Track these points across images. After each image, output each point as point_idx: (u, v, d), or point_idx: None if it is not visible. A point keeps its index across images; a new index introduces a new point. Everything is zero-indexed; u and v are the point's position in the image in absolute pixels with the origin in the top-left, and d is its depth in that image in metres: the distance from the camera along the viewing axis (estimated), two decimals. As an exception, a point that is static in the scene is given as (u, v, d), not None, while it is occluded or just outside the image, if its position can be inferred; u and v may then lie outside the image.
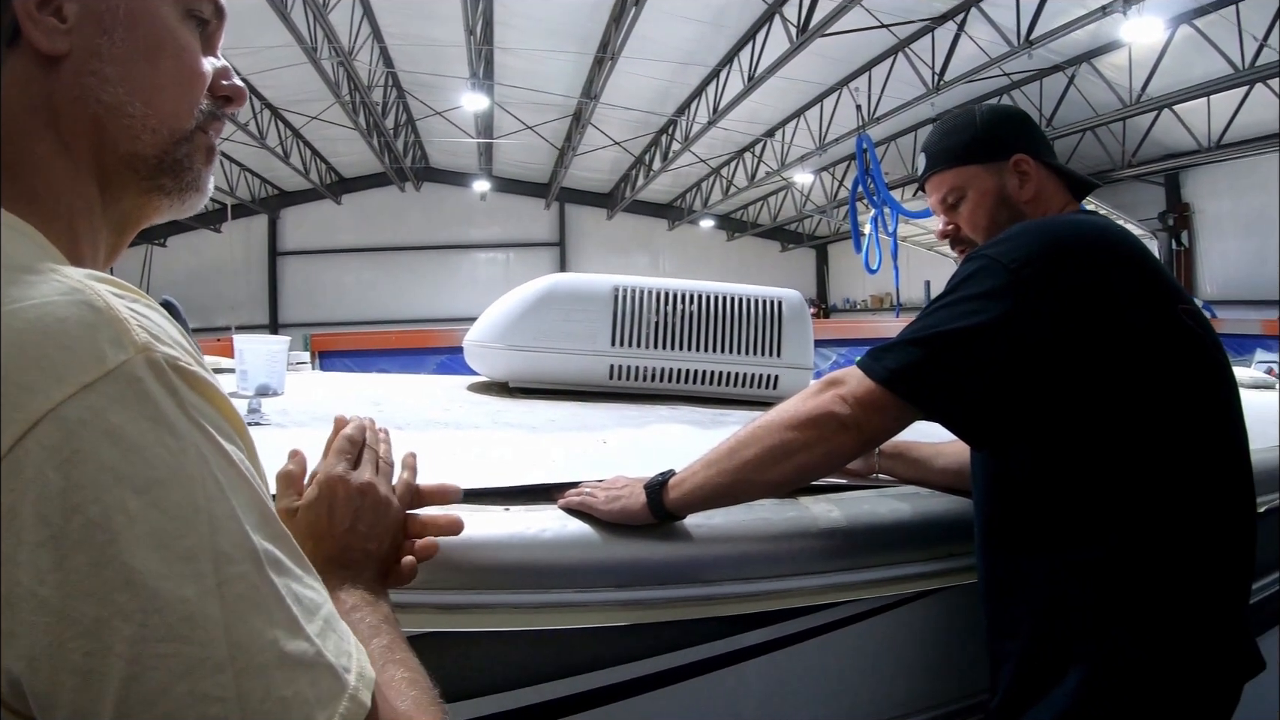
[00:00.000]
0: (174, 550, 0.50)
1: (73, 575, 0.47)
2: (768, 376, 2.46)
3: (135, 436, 0.50)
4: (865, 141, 11.96)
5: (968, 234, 1.53)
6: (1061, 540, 1.24)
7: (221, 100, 0.78)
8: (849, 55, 12.89)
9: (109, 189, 0.72)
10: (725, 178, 20.28)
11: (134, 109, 0.70)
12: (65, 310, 0.52)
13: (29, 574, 0.47)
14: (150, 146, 0.72)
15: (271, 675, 0.50)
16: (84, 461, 0.48)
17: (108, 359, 0.51)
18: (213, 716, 0.48)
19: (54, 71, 0.68)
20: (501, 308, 2.44)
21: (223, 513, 0.53)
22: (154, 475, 0.51)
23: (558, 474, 1.41)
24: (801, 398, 1.27)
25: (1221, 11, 10.28)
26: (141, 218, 0.77)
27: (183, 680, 0.48)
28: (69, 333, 0.51)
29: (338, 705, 0.53)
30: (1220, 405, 1.31)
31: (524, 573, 1.18)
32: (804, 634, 1.34)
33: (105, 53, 0.69)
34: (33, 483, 0.47)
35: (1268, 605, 1.70)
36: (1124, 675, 1.18)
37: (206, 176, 0.78)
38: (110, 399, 0.50)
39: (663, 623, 1.25)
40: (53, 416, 0.48)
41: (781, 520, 1.34)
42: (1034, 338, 1.19)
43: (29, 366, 0.49)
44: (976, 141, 1.52)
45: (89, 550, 0.47)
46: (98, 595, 0.47)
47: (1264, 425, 1.42)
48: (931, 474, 1.58)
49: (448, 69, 14.51)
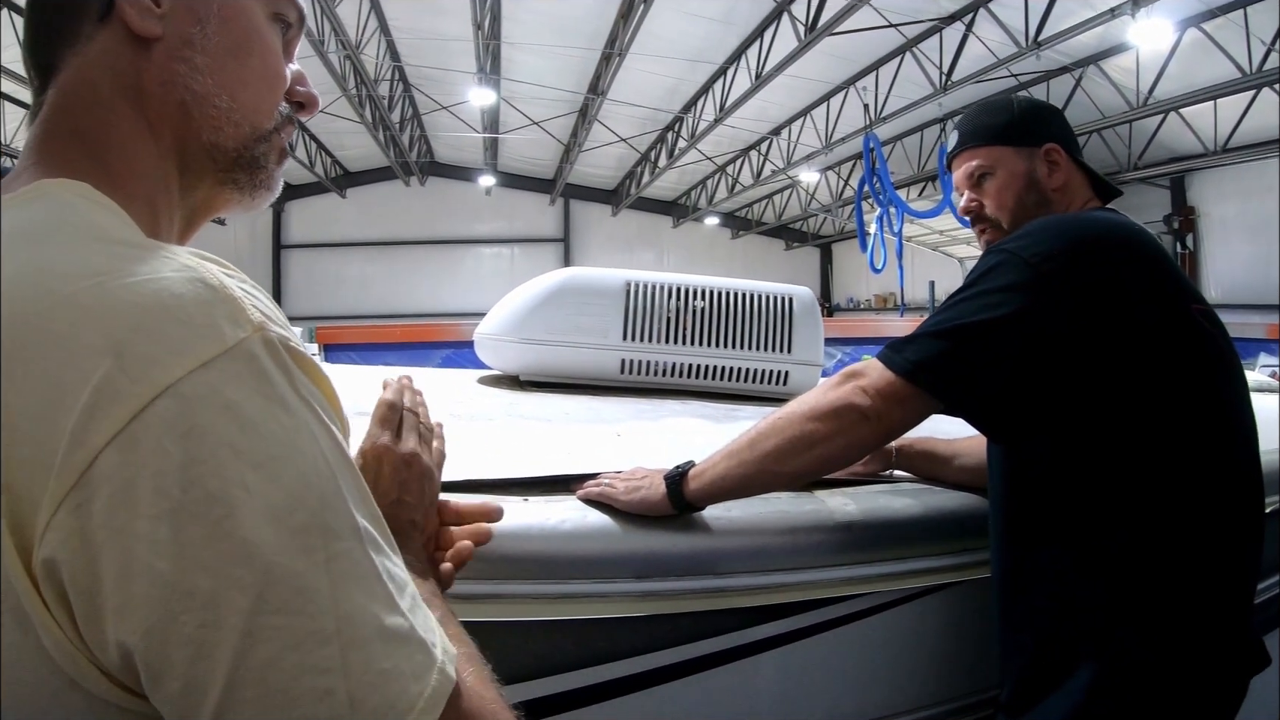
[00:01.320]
0: (288, 525, 0.51)
1: (189, 548, 0.48)
2: (778, 372, 2.46)
3: (253, 413, 0.52)
4: (872, 140, 11.98)
5: (992, 212, 1.53)
6: (1075, 536, 1.25)
7: (295, 105, 0.80)
8: (857, 54, 12.88)
9: (187, 175, 0.73)
10: (731, 175, 20.27)
11: (220, 101, 0.72)
12: (181, 287, 0.53)
13: (145, 547, 0.47)
14: (231, 139, 0.73)
15: (373, 648, 0.51)
16: (203, 436, 0.49)
17: (226, 336, 0.52)
18: (320, 688, 0.49)
19: (145, 53, 0.69)
20: (514, 301, 2.45)
21: (331, 490, 0.54)
22: (270, 451, 0.52)
23: (576, 466, 1.41)
24: (822, 390, 1.27)
25: (1230, 15, 10.27)
26: (210, 209, 0.78)
27: (293, 652, 0.48)
28: (186, 309, 0.52)
29: (429, 679, 0.54)
30: (1231, 405, 1.31)
31: (543, 563, 1.19)
32: (819, 626, 1.34)
33: (197, 42, 0.70)
34: (151, 456, 0.48)
35: (1273, 604, 1.70)
36: (1134, 671, 1.19)
37: (277, 176, 0.79)
38: (229, 376, 0.51)
39: (680, 614, 1.25)
40: (172, 391, 0.49)
41: (799, 513, 1.35)
42: (1053, 332, 1.20)
43: (148, 341, 0.50)
44: (1013, 125, 1.53)
45: (206, 523, 0.48)
46: (214, 568, 0.48)
47: (1268, 428, 1.42)
48: (947, 471, 1.58)
49: (455, 63, 14.52)
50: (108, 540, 0.47)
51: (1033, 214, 1.47)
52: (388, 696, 0.51)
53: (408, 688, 0.52)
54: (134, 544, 0.47)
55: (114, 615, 0.47)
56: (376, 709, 0.50)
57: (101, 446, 0.48)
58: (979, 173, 1.54)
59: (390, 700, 0.51)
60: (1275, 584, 1.75)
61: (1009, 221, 1.50)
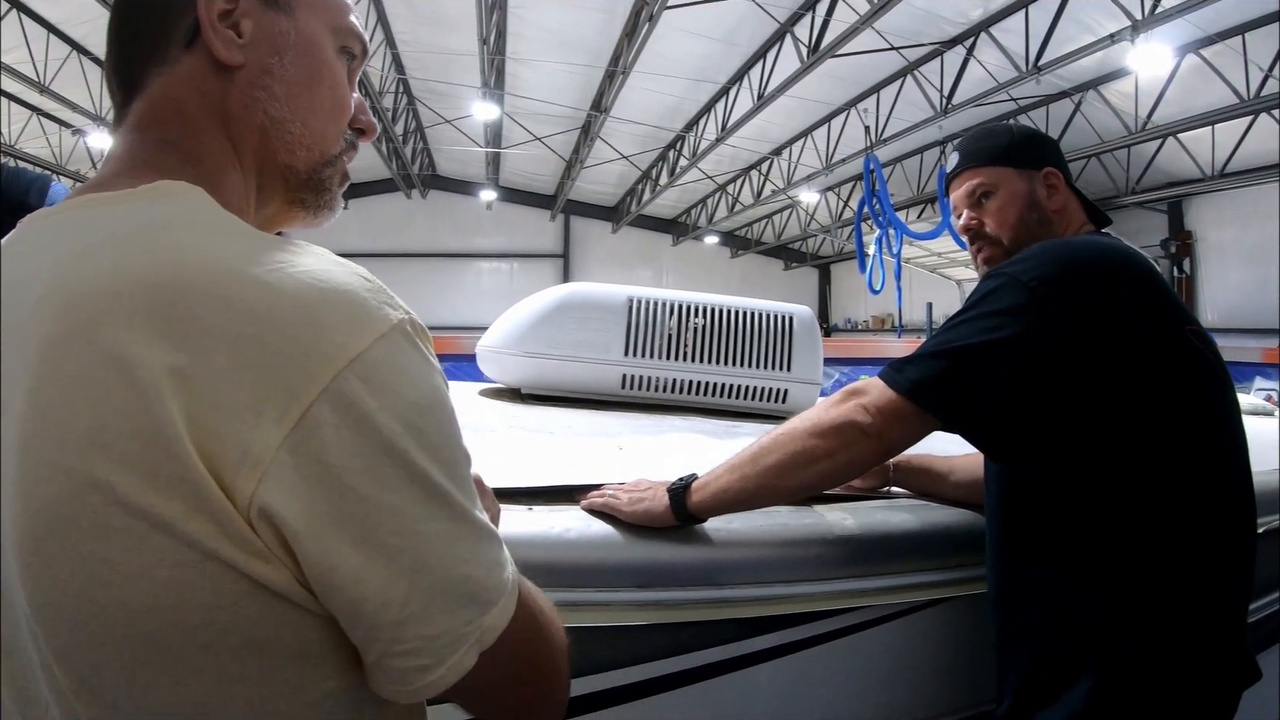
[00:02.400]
0: (440, 458, 0.64)
1: (383, 475, 0.60)
2: (777, 390, 2.48)
3: (417, 375, 0.64)
4: (873, 162, 12.03)
5: (992, 230, 1.55)
6: (1071, 554, 1.28)
7: (357, 131, 0.86)
8: (858, 76, 12.94)
9: (263, 192, 0.80)
10: (731, 195, 20.29)
11: (295, 127, 0.78)
12: (348, 276, 0.64)
13: (353, 476, 0.59)
14: (303, 162, 0.80)
15: (490, 543, 0.67)
16: (387, 391, 0.61)
17: (391, 316, 0.63)
18: (463, 574, 0.64)
19: (228, 79, 0.75)
20: (517, 315, 2.47)
21: (458, 432, 0.67)
22: (430, 403, 0.64)
23: (579, 476, 1.44)
24: (824, 407, 1.30)
25: (1228, 41, 10.34)
26: (278, 224, 0.85)
27: (450, 548, 0.64)
28: (360, 294, 0.63)
29: (510, 566, 0.69)
30: (1225, 426, 1.34)
31: (548, 571, 1.19)
32: (817, 639, 1.36)
33: (276, 72, 0.77)
34: (352, 406, 0.59)
35: (1266, 624, 1.72)
36: (1131, 686, 1.21)
37: (339, 197, 0.87)
38: (397, 347, 0.63)
39: (680, 623, 1.27)
40: (363, 357, 0.60)
41: (798, 526, 1.37)
42: (1051, 354, 1.23)
43: (337, 318, 0.61)
44: (1014, 147, 1.57)
45: (393, 457, 0.61)
46: (399, 488, 0.61)
47: (1263, 450, 1.44)
48: (944, 487, 1.60)
49: (459, 77, 14.57)
50: (322, 472, 0.58)
51: (1035, 232, 1.51)
52: (498, 579, 0.67)
53: (505, 569, 0.68)
54: (342, 474, 0.59)
55: (330, 528, 0.59)
56: (496, 586, 0.66)
57: (315, 398, 0.58)
58: (980, 191, 1.56)
59: (499, 582, 0.67)
60: (1271, 602, 1.77)
61: (1010, 239, 1.52)
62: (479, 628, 0.65)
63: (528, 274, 24.17)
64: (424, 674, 0.63)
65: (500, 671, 0.68)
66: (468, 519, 0.65)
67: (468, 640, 0.64)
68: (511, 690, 0.71)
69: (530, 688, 0.73)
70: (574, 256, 25.05)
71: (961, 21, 11.16)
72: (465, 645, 0.64)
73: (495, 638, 0.66)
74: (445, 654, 0.63)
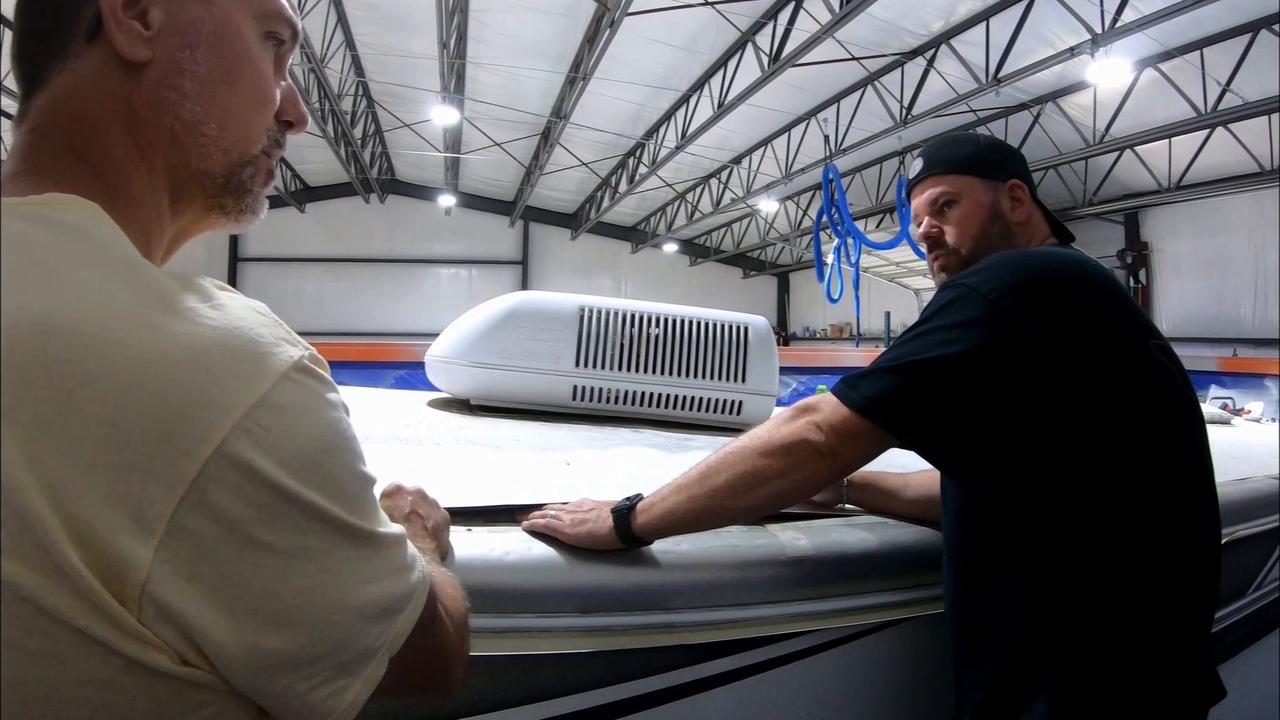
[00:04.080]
0: (347, 491, 0.63)
1: (290, 519, 0.58)
2: (732, 402, 2.44)
3: (321, 414, 0.62)
4: (832, 172, 12.07)
5: (953, 240, 1.51)
6: (1030, 572, 1.24)
7: (284, 125, 0.80)
8: (819, 86, 13.04)
9: (178, 202, 0.74)
10: (690, 203, 20.36)
11: (209, 129, 0.72)
12: (238, 316, 0.61)
13: (260, 527, 0.57)
14: (220, 167, 0.74)
15: (395, 550, 0.68)
16: (293, 435, 0.59)
17: (291, 353, 0.61)
18: (376, 594, 0.64)
19: (134, 77, 0.68)
20: (465, 324, 2.41)
21: (359, 462, 0.65)
22: (335, 441, 0.63)
23: (522, 495, 1.38)
24: (774, 424, 1.25)
25: (1186, 56, 10.56)
26: (197, 229, 0.79)
27: (359, 573, 0.63)
28: (259, 332, 0.61)
29: (416, 565, 0.70)
30: (1189, 438, 1.31)
31: (486, 596, 1.14)
32: (769, 663, 1.32)
33: (187, 68, 0.70)
34: (257, 455, 0.56)
35: (1229, 634, 1.72)
36: (1091, 706, 1.18)
37: (263, 199, 0.80)
38: (300, 385, 0.61)
39: (626, 650, 1.22)
40: (264, 401, 0.57)
41: (749, 547, 1.33)
42: (1011, 368, 1.19)
43: (236, 360, 0.58)
44: (980, 157, 1.53)
45: (298, 502, 0.59)
46: (307, 529, 0.60)
47: (1222, 459, 1.42)
48: (899, 504, 1.57)
49: (419, 81, 14.47)
50: (226, 531, 0.55)
51: (995, 244, 1.47)
52: (405, 585, 0.68)
53: (413, 574, 0.69)
54: (236, 545, 0.56)
55: (227, 614, 0.56)
56: (404, 593, 0.68)
57: (209, 455, 0.54)
58: (943, 200, 1.52)
59: (407, 588, 0.68)
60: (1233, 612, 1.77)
61: (969, 250, 1.48)
62: (390, 636, 0.66)
63: (487, 280, 24.07)
64: (340, 697, 0.62)
65: (405, 662, 0.69)
66: (372, 539, 0.65)
67: (379, 652, 0.65)
68: (414, 671, 0.73)
69: (432, 663, 0.76)
70: (533, 263, 24.99)
71: (923, 33, 11.29)
72: (377, 657, 0.65)
73: (404, 640, 0.67)
74: (359, 670, 0.63)
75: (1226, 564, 1.35)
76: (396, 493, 1.08)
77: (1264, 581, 2.02)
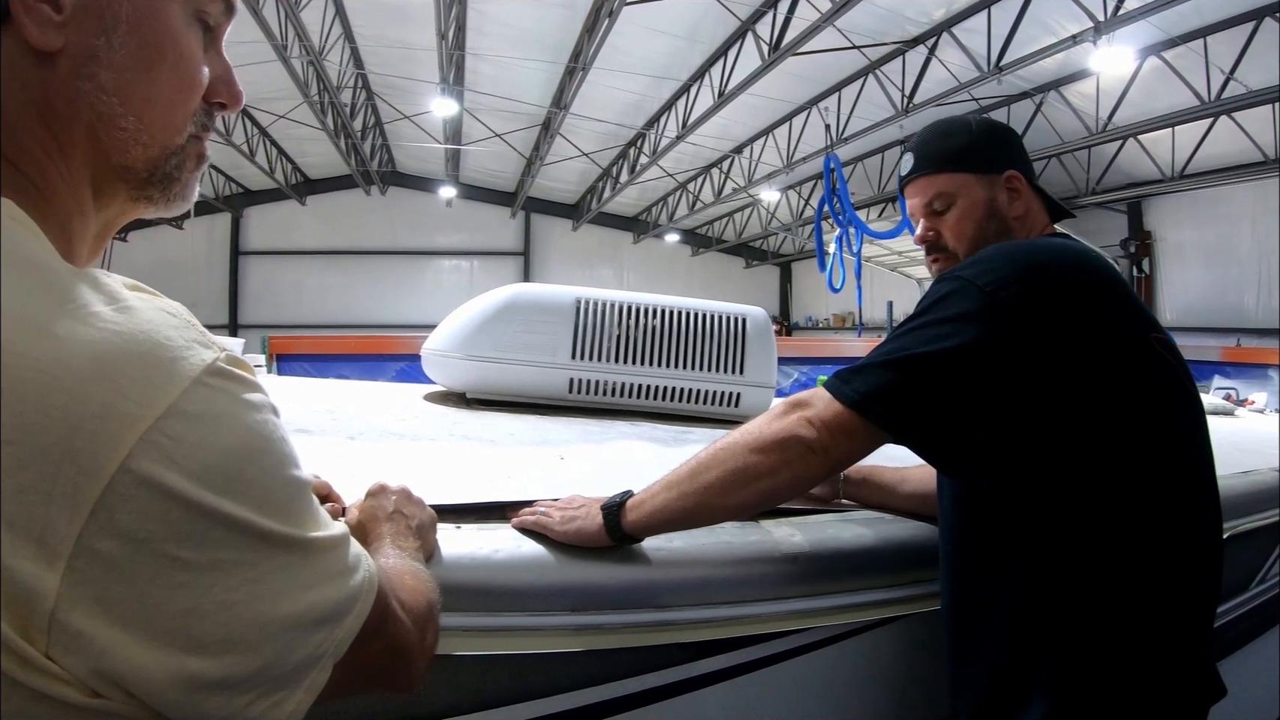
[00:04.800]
0: (271, 501, 0.61)
1: (207, 537, 0.56)
2: (730, 394, 2.43)
3: (235, 418, 0.60)
4: (833, 161, 12.02)
5: (949, 242, 1.47)
6: (1027, 568, 1.22)
7: (217, 105, 0.76)
8: (820, 75, 12.98)
9: (101, 195, 0.70)
10: (692, 193, 20.31)
11: (127, 123, 0.67)
12: (154, 316, 0.59)
13: (172, 543, 0.55)
14: (141, 161, 0.70)
15: (334, 554, 0.66)
16: (199, 446, 0.56)
17: (204, 356, 0.59)
18: (313, 601, 0.63)
19: (48, 66, 0.64)
20: (461, 317, 2.40)
21: (287, 463, 0.64)
22: (256, 445, 0.61)
23: (513, 491, 1.37)
24: (766, 420, 1.23)
25: (1190, 44, 10.48)
26: (124, 221, 0.75)
27: (292, 580, 0.62)
28: (167, 336, 0.58)
29: (360, 568, 0.69)
30: (1189, 433, 1.29)
31: (475, 594, 1.14)
32: (764, 660, 1.31)
33: (103, 56, 0.66)
34: (164, 470, 0.54)
35: (1230, 630, 1.70)
36: (1089, 703, 1.17)
37: (194, 184, 0.76)
38: (213, 389, 0.58)
39: (619, 649, 1.21)
40: (173, 410, 0.55)
41: (743, 544, 1.31)
42: (1008, 362, 1.17)
43: (143, 367, 0.55)
44: (973, 150, 1.48)
45: (215, 515, 0.56)
46: (227, 542, 0.57)
47: (1224, 452, 1.41)
48: (896, 499, 1.55)
49: (418, 73, 14.41)
50: (137, 551, 0.53)
51: (992, 243, 1.42)
52: (347, 590, 0.67)
53: (356, 577, 0.68)
54: (163, 544, 0.54)
55: (144, 646, 0.54)
56: (347, 597, 0.66)
57: (114, 472, 0.52)
58: (938, 203, 1.48)
59: (349, 593, 0.67)
60: (1235, 607, 1.76)
61: (967, 251, 1.44)
62: (332, 643, 0.64)
63: (488, 272, 24.01)
64: (279, 709, 0.61)
65: (356, 665, 0.67)
66: (305, 545, 0.63)
67: (321, 660, 0.63)
68: (368, 672, 0.72)
69: (388, 662, 0.75)
70: (534, 254, 24.96)
71: (924, 21, 11.22)
72: (319, 665, 0.63)
73: (349, 646, 0.66)
74: (299, 680, 0.62)
75: (1228, 559, 1.34)
76: (380, 492, 1.07)
77: (1267, 576, 2.01)
